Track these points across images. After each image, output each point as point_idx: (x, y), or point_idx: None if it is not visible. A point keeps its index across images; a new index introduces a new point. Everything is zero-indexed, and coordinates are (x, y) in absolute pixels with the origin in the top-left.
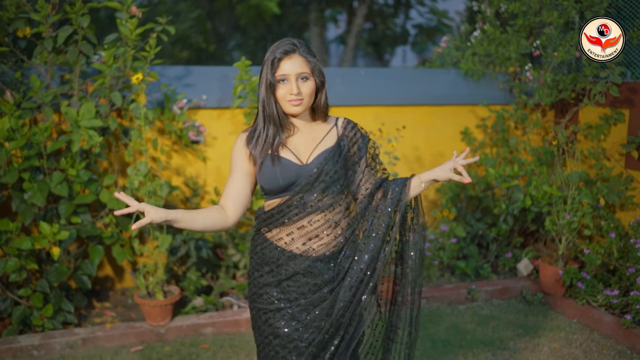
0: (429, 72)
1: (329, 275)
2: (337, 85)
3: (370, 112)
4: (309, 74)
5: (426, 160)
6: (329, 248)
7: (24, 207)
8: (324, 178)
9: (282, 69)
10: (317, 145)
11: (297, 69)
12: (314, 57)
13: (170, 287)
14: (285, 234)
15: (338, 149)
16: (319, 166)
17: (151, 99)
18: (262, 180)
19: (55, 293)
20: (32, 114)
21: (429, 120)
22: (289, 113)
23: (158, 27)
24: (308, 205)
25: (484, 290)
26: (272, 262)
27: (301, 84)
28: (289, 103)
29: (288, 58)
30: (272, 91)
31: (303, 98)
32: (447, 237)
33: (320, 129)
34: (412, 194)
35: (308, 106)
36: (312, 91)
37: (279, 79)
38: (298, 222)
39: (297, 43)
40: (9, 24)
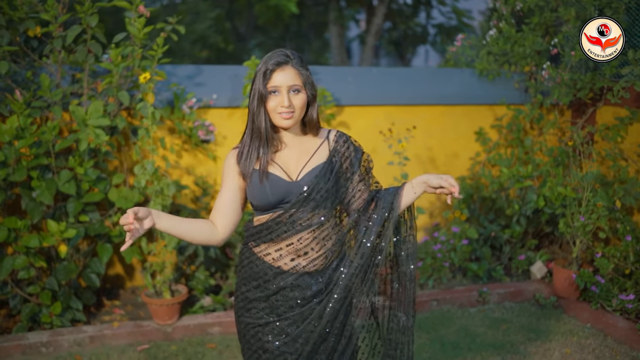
0: (442, 71)
1: (317, 287)
2: (349, 84)
3: (382, 111)
4: (301, 87)
5: (440, 160)
6: (318, 264)
7: (33, 205)
8: (314, 196)
9: (273, 81)
10: (307, 161)
11: (289, 81)
12: (306, 69)
13: (178, 286)
14: (274, 249)
15: (330, 165)
16: (310, 184)
17: (161, 98)
18: (251, 196)
19: (64, 291)
20: (41, 112)
21: (442, 120)
22: (279, 126)
23: (168, 26)
24: (297, 224)
25: (496, 293)
26: (259, 277)
27: (293, 97)
28: (279, 115)
29: (280, 70)
30: (263, 103)
31: (294, 111)
32: (459, 238)
33: (311, 144)
34: (405, 202)
35: (298, 119)
36: (304, 104)
37: (270, 90)
38: (287, 240)
39: (290, 54)
40: (20, 24)
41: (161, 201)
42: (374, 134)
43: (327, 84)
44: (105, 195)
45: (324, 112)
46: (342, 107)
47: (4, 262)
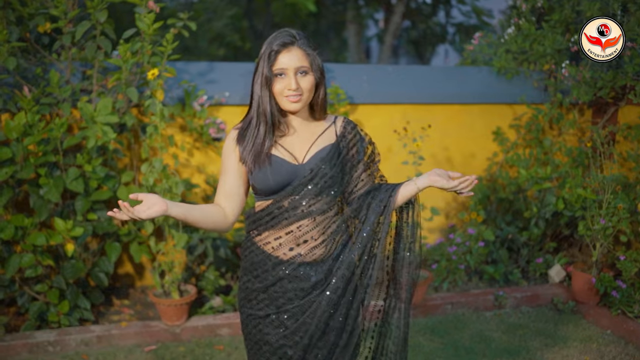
0: (460, 70)
1: (316, 278)
2: (363, 82)
3: (398, 110)
4: (308, 68)
5: (456, 160)
6: (317, 253)
7: (41, 203)
8: (318, 181)
9: (279, 63)
10: (313, 142)
11: (296, 62)
12: (314, 49)
13: (187, 286)
14: (273, 238)
15: (337, 149)
16: (315, 168)
17: (172, 95)
18: (253, 180)
19: (72, 290)
20: (50, 109)
21: (459, 119)
22: (287, 109)
23: (179, 22)
24: (299, 210)
25: (513, 297)
26: (259, 267)
27: (300, 79)
28: (286, 99)
29: (286, 51)
30: (269, 86)
31: (302, 93)
32: (475, 240)
33: (318, 127)
34: (404, 193)
35: (307, 102)
36: (312, 86)
37: (276, 73)
38: (287, 227)
39: (296, 34)
40: (30, 20)
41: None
42: (389, 133)
43: (341, 81)
44: (114, 194)
45: (337, 110)
46: (356, 106)
47: (11, 260)
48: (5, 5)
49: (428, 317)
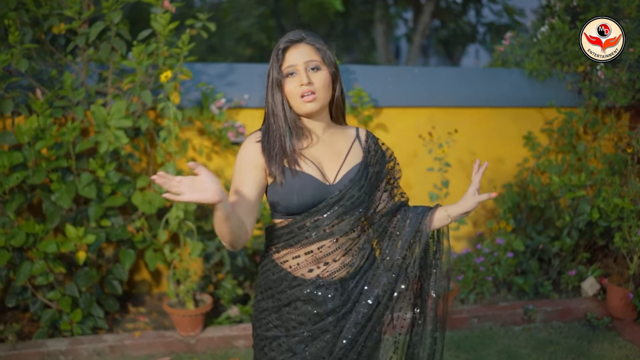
0: (489, 71)
1: (333, 304)
2: (388, 84)
3: (424, 113)
4: (320, 63)
5: None
6: (337, 275)
7: (53, 208)
8: (344, 203)
9: (288, 60)
10: (343, 161)
11: (305, 57)
12: (324, 46)
13: (203, 295)
14: (292, 257)
15: (365, 169)
16: (343, 189)
17: (190, 98)
18: (276, 195)
19: (85, 297)
20: (64, 112)
21: (488, 123)
22: (303, 112)
23: (197, 23)
24: (321, 230)
25: (543, 311)
26: (274, 286)
27: (312, 74)
28: (301, 100)
29: (294, 47)
30: (280, 89)
31: (316, 91)
32: (504, 251)
33: (343, 140)
34: (435, 226)
35: (324, 103)
36: (327, 83)
37: (286, 72)
38: (307, 247)
39: (305, 33)
40: (45, 21)
41: (184, 206)
42: (415, 137)
43: (364, 83)
44: (129, 199)
45: (361, 114)
46: (380, 109)
47: (22, 267)
48: (19, 6)
49: (453, 331)
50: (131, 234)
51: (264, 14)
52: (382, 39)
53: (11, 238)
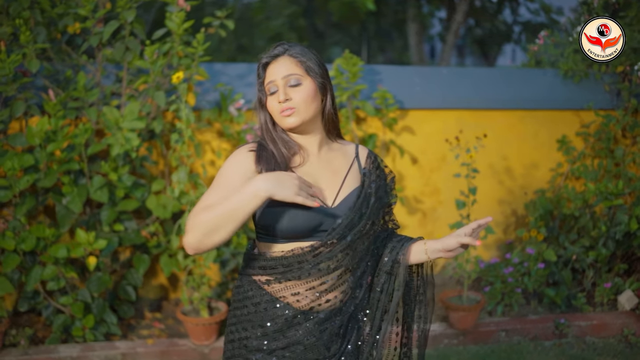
0: (522, 72)
1: (335, 348)
2: (415, 86)
3: (452, 116)
4: (301, 76)
5: (517, 171)
6: (336, 303)
7: (64, 212)
8: (347, 232)
9: (268, 76)
10: (343, 181)
11: (284, 71)
12: (310, 59)
13: (219, 303)
14: (290, 292)
15: (365, 195)
16: (344, 218)
17: (209, 99)
18: (271, 218)
19: (98, 303)
20: (77, 113)
21: (521, 126)
22: (285, 128)
23: (215, 21)
24: (323, 265)
25: (576, 325)
26: (267, 324)
27: (291, 90)
28: (280, 116)
29: (274, 62)
30: (263, 107)
31: (295, 106)
32: (534, 261)
33: (341, 158)
34: (413, 260)
35: (306, 117)
36: (309, 96)
37: (268, 89)
38: (308, 283)
39: (289, 45)
40: (59, 20)
41: None
42: (442, 141)
43: (389, 84)
44: (143, 203)
45: (385, 116)
46: (406, 111)
47: (33, 271)
48: (33, 5)
49: (479, 345)
50: (145, 238)
51: (295, 13)
52: (414, 38)
53: (21, 242)
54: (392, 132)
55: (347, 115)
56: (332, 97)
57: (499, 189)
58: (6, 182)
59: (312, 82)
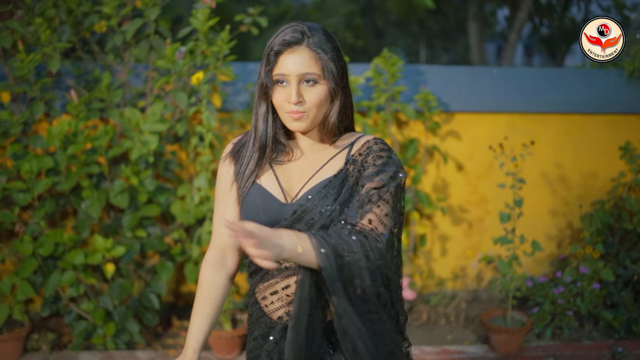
0: (581, 73)
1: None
2: (462, 87)
3: (502, 120)
4: (318, 76)
5: (573, 180)
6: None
7: (84, 217)
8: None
9: (280, 66)
10: (314, 174)
11: (300, 67)
12: (330, 50)
13: (244, 315)
14: (269, 292)
15: (339, 183)
16: (298, 209)
17: (242, 100)
18: (243, 215)
19: (120, 311)
20: (101, 114)
21: (578, 131)
22: (290, 129)
23: (247, 18)
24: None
25: (636, 354)
26: (258, 328)
27: (305, 89)
28: (288, 115)
29: (290, 51)
30: (267, 97)
31: (306, 110)
32: (589, 281)
33: (327, 150)
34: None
35: (315, 121)
36: (322, 100)
37: (277, 79)
38: (272, 286)
39: (308, 30)
40: (85, 19)
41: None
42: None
43: (434, 86)
44: (168, 208)
45: (428, 120)
46: (452, 114)
47: (51, 277)
48: (57, 3)
49: None
50: (167, 245)
51: (353, 12)
52: (475, 38)
53: (40, 247)
54: (436, 137)
55: (386, 119)
56: (342, 103)
57: (552, 199)
58: (24, 185)
59: (326, 84)
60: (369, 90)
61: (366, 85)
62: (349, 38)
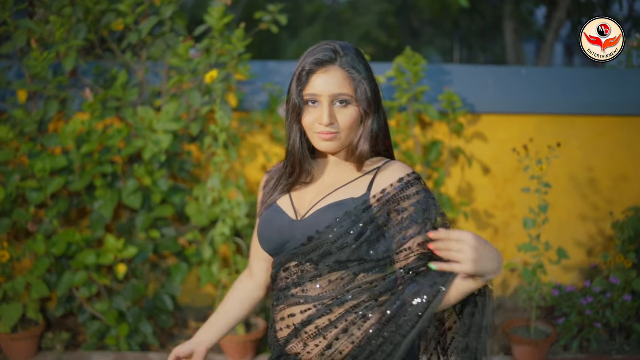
0: (615, 73)
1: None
2: (488, 87)
3: (531, 122)
4: (351, 97)
5: (604, 184)
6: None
7: (97, 217)
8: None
9: (312, 86)
10: (329, 193)
11: (333, 88)
12: (363, 71)
13: (257, 319)
14: (279, 317)
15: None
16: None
17: (261, 100)
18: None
19: (133, 312)
20: (116, 113)
21: (611, 134)
22: (319, 149)
23: (266, 16)
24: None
25: None
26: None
27: (337, 111)
28: (317, 136)
29: (323, 71)
30: (298, 116)
31: (339, 131)
32: (620, 291)
33: (350, 174)
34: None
35: (346, 143)
36: (354, 122)
37: (308, 99)
38: (281, 312)
39: (340, 49)
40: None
41: (232, 222)
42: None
43: (459, 86)
44: (181, 209)
45: (453, 121)
46: (477, 115)
47: (64, 277)
48: (74, 2)
49: None
50: (182, 246)
51: (387, 11)
52: (511, 37)
53: (53, 246)
54: (461, 139)
55: (408, 120)
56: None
57: (582, 204)
58: (37, 184)
59: (358, 106)
60: (391, 90)
61: (388, 85)
62: (383, 37)
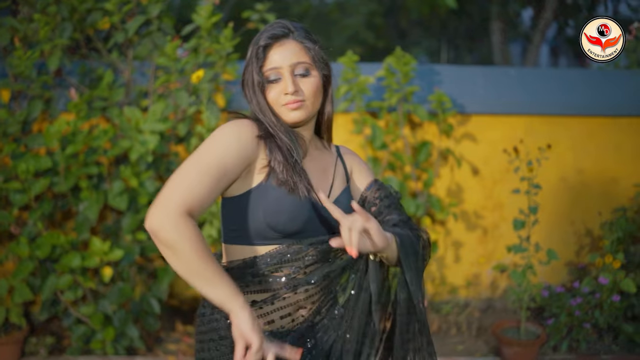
0: (603, 74)
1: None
2: (478, 88)
3: (521, 123)
4: (310, 65)
5: (594, 186)
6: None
7: (82, 219)
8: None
9: (270, 61)
10: (332, 182)
11: (292, 58)
12: (315, 42)
13: None
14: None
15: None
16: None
17: None
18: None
19: (119, 315)
20: (102, 114)
21: (600, 135)
22: (288, 122)
23: (254, 15)
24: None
25: None
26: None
27: (300, 81)
28: (284, 108)
29: (278, 45)
30: (263, 93)
31: (304, 99)
32: (609, 292)
33: (327, 155)
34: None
35: (313, 111)
36: (317, 89)
37: (269, 76)
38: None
39: (292, 26)
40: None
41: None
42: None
43: (447, 86)
44: None
45: (442, 122)
46: (467, 116)
47: (48, 280)
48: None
49: None
50: None
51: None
52: (498, 38)
53: (36, 249)
54: (450, 140)
55: (398, 120)
56: (332, 95)
57: (571, 205)
58: (20, 185)
59: (318, 74)
60: (381, 90)
61: (378, 85)
62: (370, 38)
